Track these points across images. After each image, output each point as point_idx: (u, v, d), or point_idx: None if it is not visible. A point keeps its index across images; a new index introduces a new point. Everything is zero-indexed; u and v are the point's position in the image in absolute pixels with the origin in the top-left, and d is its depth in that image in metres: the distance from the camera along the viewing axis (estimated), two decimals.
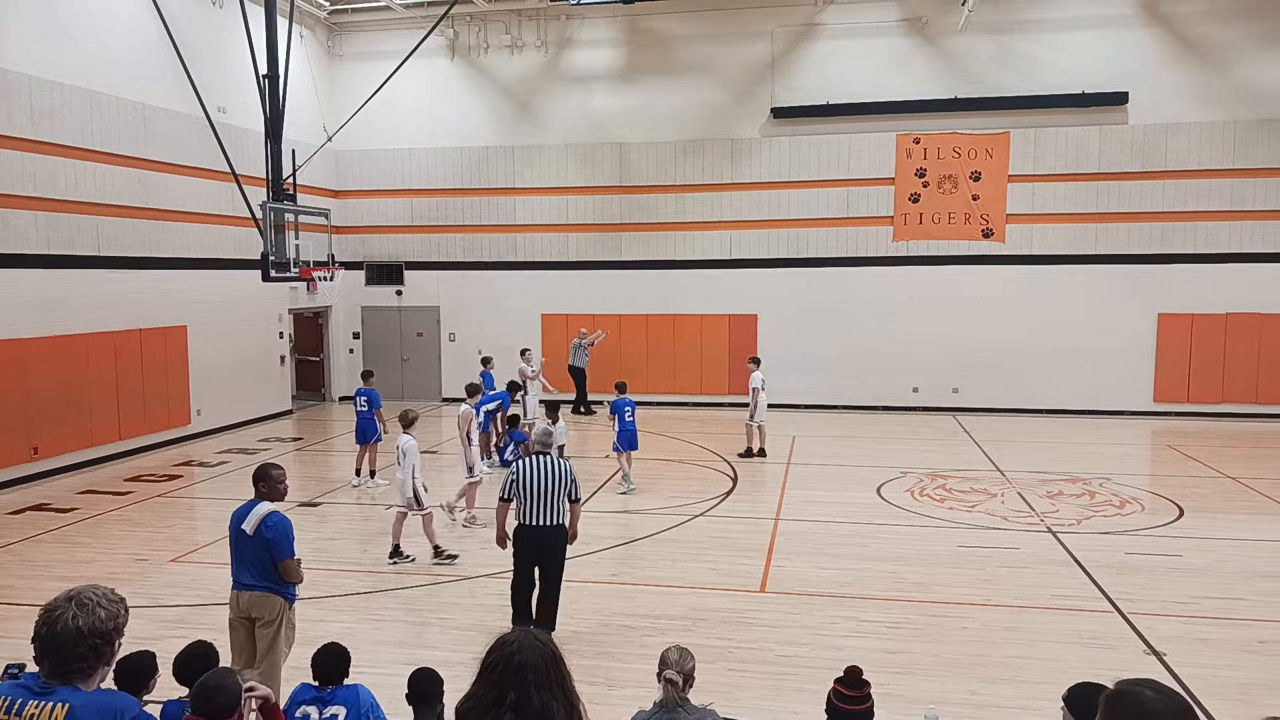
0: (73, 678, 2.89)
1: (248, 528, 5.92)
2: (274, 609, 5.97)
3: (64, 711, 2.84)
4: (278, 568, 5.96)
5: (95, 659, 2.93)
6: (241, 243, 17.76)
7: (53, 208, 14.13)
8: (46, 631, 2.89)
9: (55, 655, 2.89)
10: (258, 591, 5.95)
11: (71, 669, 2.89)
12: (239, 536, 5.97)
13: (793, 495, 12.92)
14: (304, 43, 20.47)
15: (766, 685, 6.89)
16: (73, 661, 2.89)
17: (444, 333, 22.24)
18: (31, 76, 13.68)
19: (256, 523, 5.91)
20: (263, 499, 6.03)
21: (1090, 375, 19.57)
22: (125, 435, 15.60)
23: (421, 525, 10.07)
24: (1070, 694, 3.60)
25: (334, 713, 4.52)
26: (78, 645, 2.88)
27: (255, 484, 6.10)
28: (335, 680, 4.66)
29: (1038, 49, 19.35)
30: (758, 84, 20.43)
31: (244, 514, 6.01)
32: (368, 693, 4.67)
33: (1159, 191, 19.21)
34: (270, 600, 5.96)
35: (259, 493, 6.06)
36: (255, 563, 5.95)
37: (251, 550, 5.94)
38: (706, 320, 21.06)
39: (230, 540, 6.10)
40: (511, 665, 2.39)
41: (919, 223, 20.16)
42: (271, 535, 5.89)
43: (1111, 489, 13.12)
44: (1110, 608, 8.44)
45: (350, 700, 4.59)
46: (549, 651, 2.44)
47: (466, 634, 7.88)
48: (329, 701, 4.56)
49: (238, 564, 6.02)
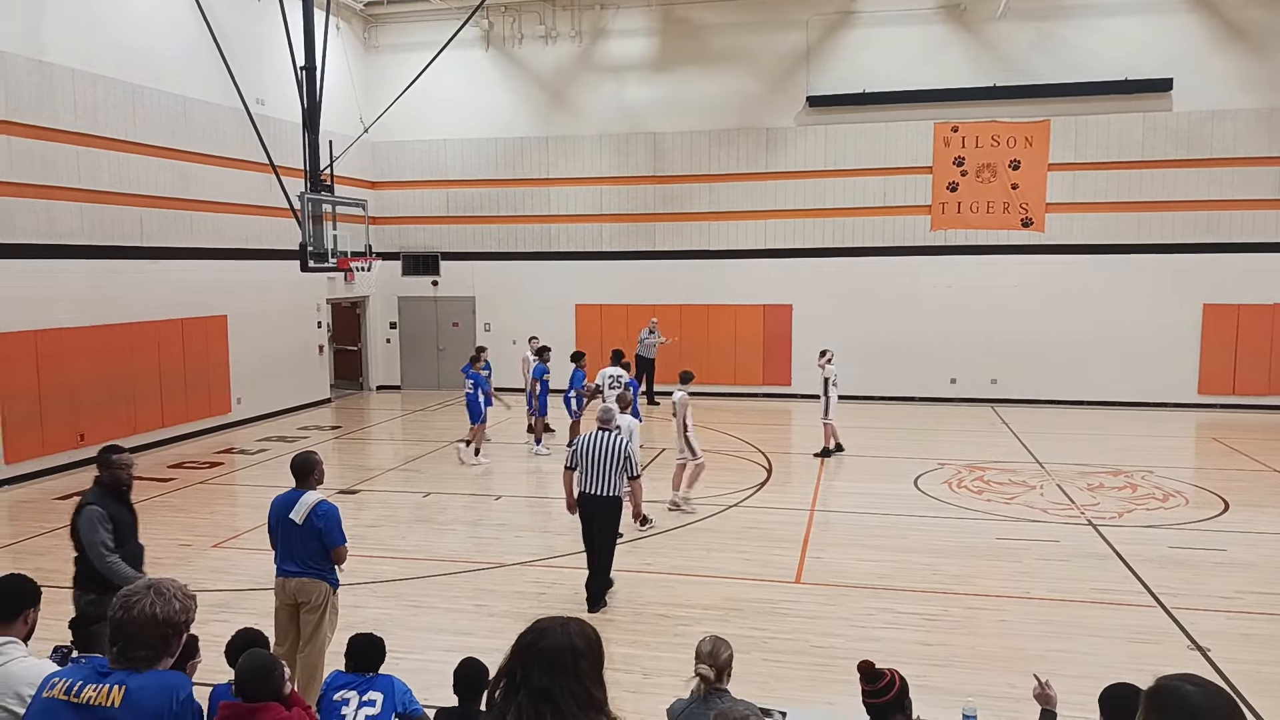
0: (137, 664, 2.95)
1: (297, 517, 5.99)
2: (320, 595, 6.07)
3: (120, 693, 2.90)
4: (327, 554, 6.05)
5: (162, 648, 2.99)
6: (280, 233, 17.97)
7: (96, 199, 14.36)
8: (123, 615, 2.95)
9: (126, 640, 2.95)
10: (305, 578, 6.04)
11: (138, 655, 2.95)
12: (288, 525, 6.04)
13: (828, 486, 12.86)
14: (340, 34, 20.62)
15: (802, 676, 6.87)
16: (142, 648, 2.95)
17: (479, 323, 22.35)
18: (74, 70, 13.91)
19: (306, 511, 6.00)
20: (307, 488, 6.12)
21: (1132, 366, 19.26)
22: (168, 423, 15.87)
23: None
24: (1105, 695, 3.56)
25: (373, 697, 4.58)
26: (150, 633, 2.94)
27: (301, 474, 6.16)
28: (371, 668, 4.72)
29: (1079, 35, 19.01)
30: (793, 73, 20.27)
31: (290, 502, 6.08)
32: (402, 683, 4.74)
33: (1204, 179, 18.82)
34: (316, 586, 6.06)
35: (308, 484, 6.14)
36: (303, 551, 6.03)
37: (300, 539, 6.02)
38: (741, 311, 20.97)
39: (272, 529, 6.17)
40: (533, 648, 2.46)
41: (957, 212, 19.92)
42: (323, 524, 5.99)
43: (1154, 482, 12.91)
44: (1153, 602, 8.31)
45: (386, 688, 4.66)
46: (572, 643, 2.48)
47: (503, 621, 7.92)
48: (368, 687, 4.62)
49: (284, 553, 6.10)
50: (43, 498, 12.43)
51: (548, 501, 12.12)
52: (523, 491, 12.78)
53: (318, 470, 6.19)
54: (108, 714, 2.87)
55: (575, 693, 2.44)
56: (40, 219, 13.40)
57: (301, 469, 6.17)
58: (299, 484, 6.16)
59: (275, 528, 6.14)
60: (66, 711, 2.91)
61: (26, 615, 3.78)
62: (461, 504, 12.15)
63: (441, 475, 13.64)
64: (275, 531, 6.15)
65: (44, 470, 13.44)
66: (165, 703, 2.90)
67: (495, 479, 13.12)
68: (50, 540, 10.47)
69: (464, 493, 12.79)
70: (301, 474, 6.16)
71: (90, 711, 2.89)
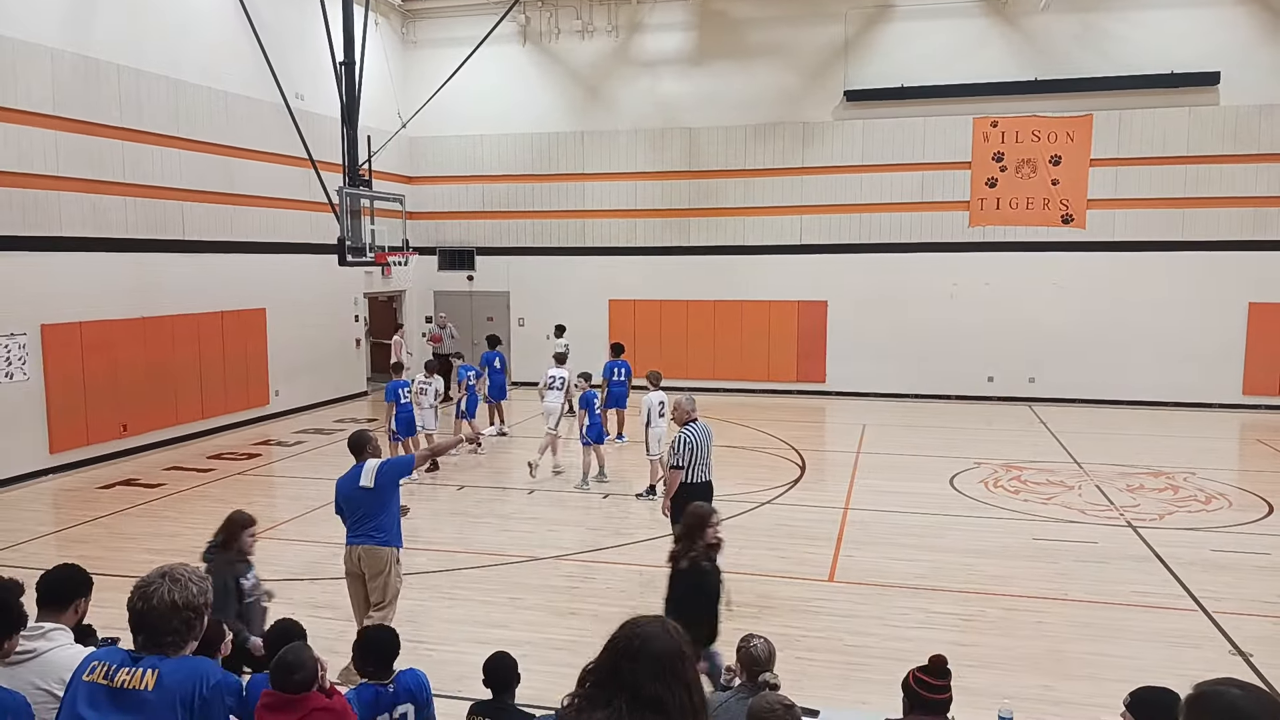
0: (165, 650, 3.03)
1: (367, 482, 6.56)
2: (384, 560, 6.61)
3: (154, 677, 2.97)
4: (395, 517, 6.71)
5: (186, 632, 3.06)
6: (319, 227, 18.16)
7: (141, 193, 14.61)
8: (142, 605, 3.02)
9: (150, 628, 3.02)
10: (370, 544, 6.58)
11: (165, 641, 3.03)
12: (357, 494, 6.59)
13: (863, 485, 12.76)
14: (379, 29, 20.75)
15: (835, 675, 6.84)
16: (166, 634, 3.02)
17: (513, 317, 22.45)
18: (120, 66, 14.14)
19: (373, 475, 6.57)
20: (365, 459, 6.71)
21: (1174, 366, 18.91)
22: (208, 414, 16.11)
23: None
24: (1136, 699, 3.46)
25: (403, 711, 4.39)
26: (172, 618, 3.02)
27: (357, 448, 6.78)
28: (385, 665, 4.48)
29: (1124, 28, 18.67)
30: (830, 67, 20.12)
31: (356, 475, 6.64)
32: (422, 675, 4.55)
33: (1252, 175, 18.42)
34: (380, 552, 6.60)
35: (365, 455, 6.73)
36: (370, 516, 6.59)
37: (368, 504, 6.57)
38: (775, 307, 20.87)
39: (341, 502, 6.74)
40: (633, 648, 2.37)
41: (995, 208, 19.67)
42: (392, 467, 6.72)
43: (1196, 483, 12.68)
44: (1194, 606, 8.17)
45: (410, 695, 4.44)
46: (674, 645, 2.42)
47: (535, 614, 7.97)
48: (394, 700, 4.40)
49: (353, 523, 6.65)
50: (86, 486, 12.67)
51: (586, 496, 12.15)
52: (555, 486, 12.81)
53: (371, 444, 6.81)
54: (140, 697, 2.95)
55: (684, 706, 2.34)
56: (86, 213, 13.66)
57: (357, 444, 6.82)
58: (357, 458, 6.74)
59: (346, 501, 6.68)
60: (103, 694, 2.99)
61: (77, 605, 3.86)
62: (494, 497, 12.23)
63: (475, 468, 13.73)
64: (346, 506, 6.70)
65: (87, 460, 13.69)
66: (193, 687, 2.97)
67: (527, 473, 13.13)
68: (93, 528, 10.69)
69: (497, 485, 12.87)
70: (357, 448, 6.79)
71: (124, 695, 2.97)
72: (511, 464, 14.25)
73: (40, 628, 3.63)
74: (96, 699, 3.00)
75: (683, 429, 8.24)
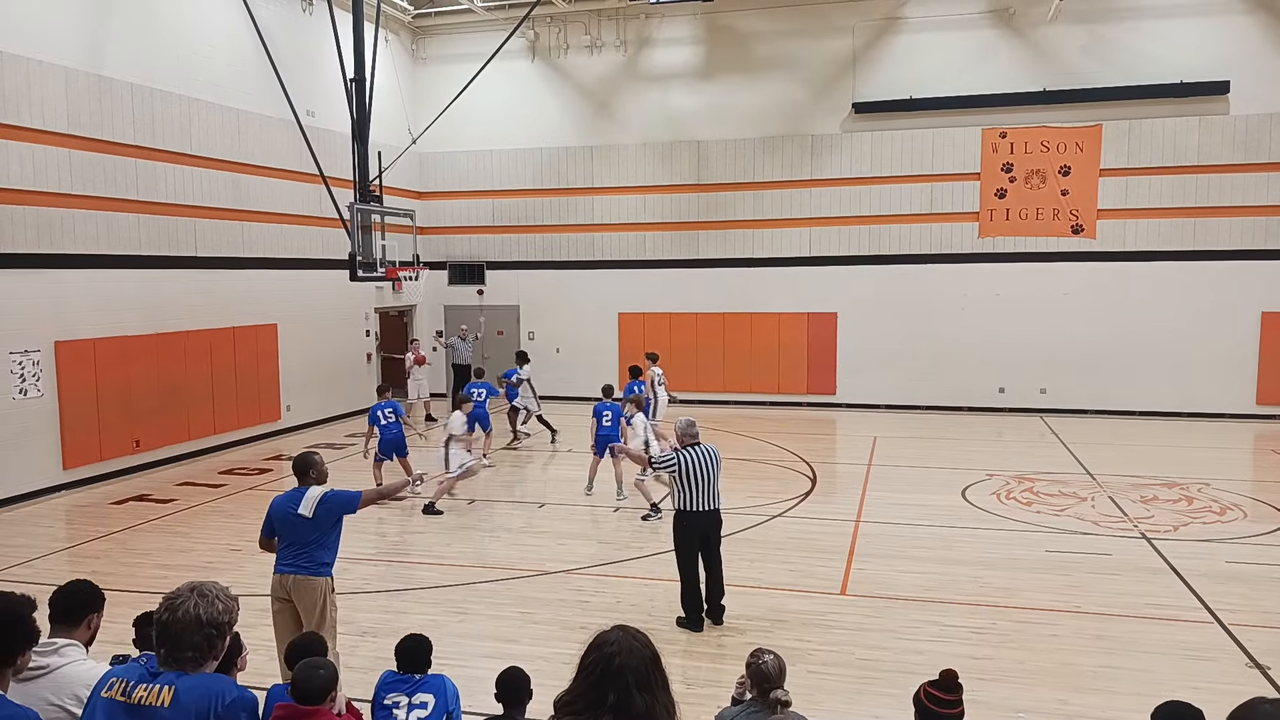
0: (185, 665, 3.03)
1: (306, 511, 6.08)
2: (318, 590, 6.11)
3: (170, 694, 2.98)
4: (328, 548, 6.18)
5: (208, 649, 3.07)
6: (330, 243, 18.26)
7: (154, 210, 14.72)
8: (168, 617, 3.03)
9: (172, 641, 3.03)
10: (300, 575, 6.10)
11: (185, 656, 3.03)
12: (294, 520, 6.10)
13: (874, 497, 12.71)
14: (389, 46, 20.92)
15: (848, 689, 6.80)
16: (188, 649, 3.03)
17: (523, 331, 22.50)
18: (133, 84, 14.27)
19: (313, 504, 6.10)
20: (311, 484, 6.25)
21: (1187, 376, 18.81)
22: (220, 430, 16.17)
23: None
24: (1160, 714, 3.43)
25: (423, 699, 4.62)
26: (195, 634, 3.02)
27: (300, 472, 6.32)
28: (419, 669, 4.76)
29: (1132, 38, 18.66)
30: (838, 79, 20.16)
31: (296, 500, 6.15)
32: (453, 685, 4.78)
33: (1263, 184, 18.35)
34: (314, 583, 6.11)
35: (308, 480, 6.27)
36: (304, 544, 6.11)
37: (304, 533, 6.09)
38: (784, 319, 20.87)
39: (275, 524, 6.21)
40: (612, 666, 2.38)
41: (1005, 219, 19.65)
42: (334, 500, 6.14)
43: (1211, 494, 12.59)
44: (1209, 618, 8.10)
45: (437, 689, 4.69)
46: (649, 653, 2.42)
47: (547, 629, 7.95)
48: (416, 688, 4.66)
49: (284, 548, 6.16)
50: (99, 502, 12.73)
51: (593, 510, 12.15)
52: (565, 499, 12.81)
53: (315, 469, 6.33)
54: (157, 714, 2.95)
55: (667, 705, 2.42)
56: (100, 230, 13.77)
57: (300, 467, 6.35)
58: (300, 482, 6.30)
59: (281, 525, 6.18)
60: (120, 711, 3.01)
61: (90, 620, 3.87)
62: (505, 511, 12.23)
63: (486, 482, 13.74)
64: (279, 529, 6.20)
65: (100, 475, 13.76)
66: (209, 705, 2.97)
67: (536, 487, 13.13)
68: (106, 544, 10.72)
69: (508, 500, 12.87)
70: (300, 471, 6.33)
71: (141, 711, 2.97)
72: (524, 478, 14.26)
73: (53, 644, 3.64)
74: (114, 715, 3.02)
75: (683, 450, 7.96)
